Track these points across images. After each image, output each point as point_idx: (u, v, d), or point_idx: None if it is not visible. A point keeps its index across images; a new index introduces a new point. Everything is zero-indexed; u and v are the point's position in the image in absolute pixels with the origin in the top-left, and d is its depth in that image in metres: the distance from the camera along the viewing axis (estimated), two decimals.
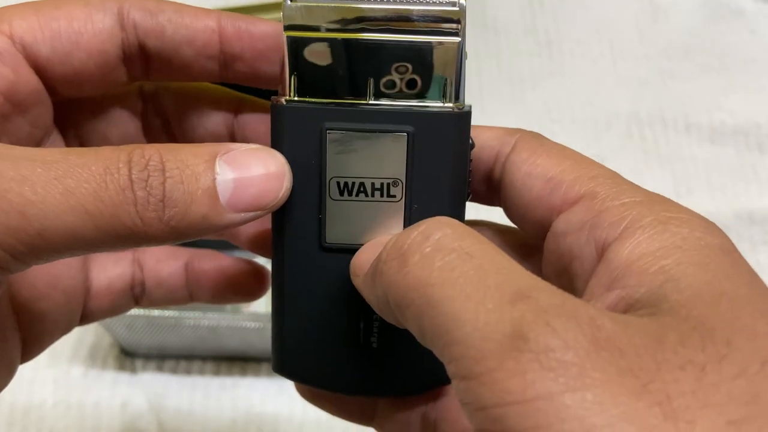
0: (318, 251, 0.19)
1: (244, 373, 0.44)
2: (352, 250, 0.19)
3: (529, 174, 0.20)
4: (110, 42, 0.21)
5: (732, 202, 0.51)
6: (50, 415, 0.42)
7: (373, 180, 0.18)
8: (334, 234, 0.19)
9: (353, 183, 0.18)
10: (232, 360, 0.44)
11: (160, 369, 0.44)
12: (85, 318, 0.26)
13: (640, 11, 0.64)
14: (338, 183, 0.18)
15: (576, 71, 0.59)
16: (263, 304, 0.44)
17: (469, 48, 0.61)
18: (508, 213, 0.21)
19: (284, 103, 0.19)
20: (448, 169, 0.19)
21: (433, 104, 0.18)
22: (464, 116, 0.19)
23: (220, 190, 0.18)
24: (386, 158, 0.18)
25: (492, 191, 0.22)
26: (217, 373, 0.44)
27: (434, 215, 0.16)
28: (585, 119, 0.56)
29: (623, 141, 0.55)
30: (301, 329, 0.20)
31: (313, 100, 0.18)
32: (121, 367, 0.44)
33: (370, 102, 0.18)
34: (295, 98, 0.19)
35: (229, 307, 0.44)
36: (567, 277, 0.19)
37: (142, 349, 0.44)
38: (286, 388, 0.43)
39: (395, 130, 0.18)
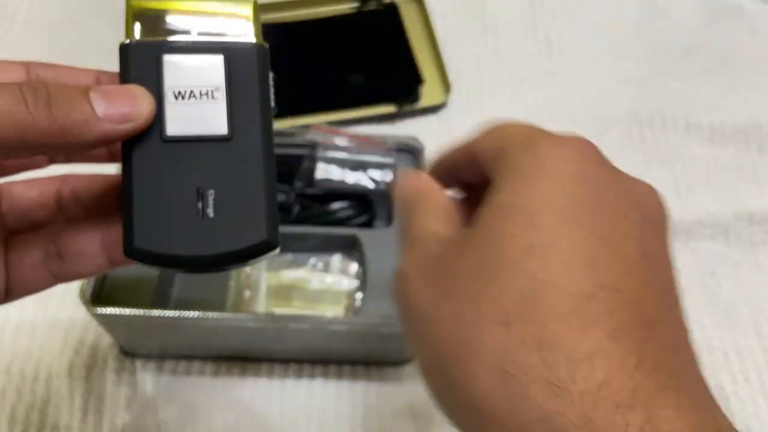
0: (160, 142, 0.24)
1: (244, 373, 0.44)
2: (186, 140, 0.24)
3: None
4: None
5: (732, 202, 0.51)
6: (53, 411, 0.42)
7: (200, 88, 0.25)
8: (173, 129, 0.24)
9: (186, 91, 0.25)
10: (233, 360, 0.44)
11: (160, 369, 0.44)
12: (5, 296, 0.27)
13: (640, 11, 0.64)
14: (173, 92, 0.25)
15: (576, 71, 0.59)
16: (262, 305, 0.44)
17: (469, 47, 0.61)
18: None
19: (130, 42, 0.25)
20: (255, 81, 0.25)
21: (241, 40, 0.26)
22: (261, 47, 0.25)
23: (95, 106, 0.23)
24: (210, 72, 0.25)
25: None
26: (217, 373, 0.44)
27: (247, 112, 0.24)
28: (585, 119, 0.56)
29: (623, 141, 0.55)
30: (147, 212, 0.24)
31: (151, 38, 0.25)
32: (121, 367, 0.44)
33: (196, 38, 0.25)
34: (138, 38, 0.25)
35: (229, 307, 0.44)
36: None
37: (142, 350, 0.44)
38: (288, 388, 0.43)
39: (217, 52, 0.25)
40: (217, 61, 0.25)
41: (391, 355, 0.43)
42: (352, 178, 0.45)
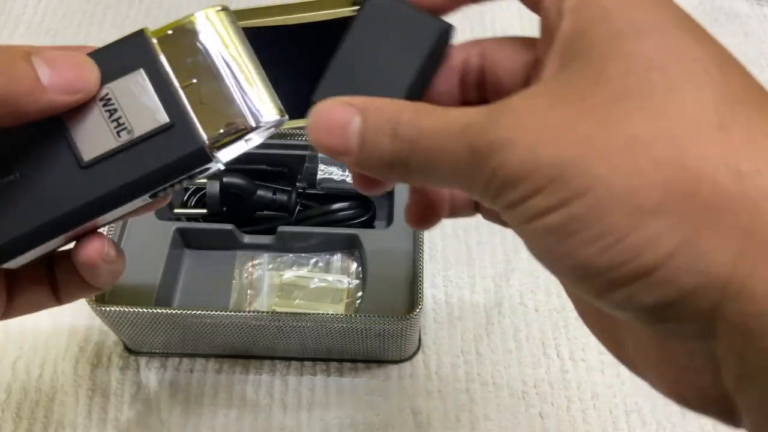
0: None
1: (246, 370, 0.44)
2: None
3: None
4: None
5: None
6: (58, 407, 0.43)
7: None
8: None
9: None
10: (235, 357, 0.45)
11: (163, 367, 0.44)
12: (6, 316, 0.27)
13: None
14: None
15: None
16: (265, 304, 0.45)
17: None
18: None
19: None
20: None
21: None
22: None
23: (40, 74, 0.21)
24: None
25: None
26: (219, 370, 0.44)
27: None
28: None
29: None
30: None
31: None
32: (125, 364, 0.44)
33: None
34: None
35: (232, 305, 0.45)
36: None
37: (145, 347, 0.44)
38: (291, 385, 0.44)
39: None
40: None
41: (391, 352, 0.44)
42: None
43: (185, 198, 0.48)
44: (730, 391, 0.17)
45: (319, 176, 0.46)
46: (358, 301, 0.44)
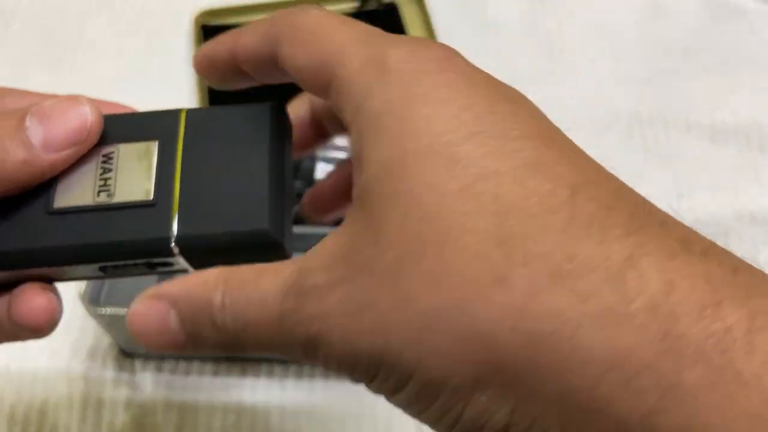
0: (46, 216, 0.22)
1: (244, 373, 0.44)
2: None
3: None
4: None
5: (733, 202, 0.51)
6: (52, 412, 0.42)
7: None
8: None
9: None
10: (232, 360, 0.44)
11: (159, 369, 0.44)
12: None
13: (641, 11, 0.64)
14: None
15: (576, 70, 0.59)
16: None
17: (470, 46, 0.61)
18: None
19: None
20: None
21: None
22: None
23: (32, 136, 0.20)
24: None
25: None
26: (216, 373, 0.44)
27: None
28: (585, 118, 0.56)
29: (624, 140, 0.54)
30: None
31: None
32: (120, 367, 0.44)
33: None
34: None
35: None
36: None
37: (141, 350, 0.44)
38: (288, 388, 0.43)
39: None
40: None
41: None
42: None
43: None
44: None
45: (317, 175, 0.45)
46: None
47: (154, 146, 0.22)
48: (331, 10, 0.24)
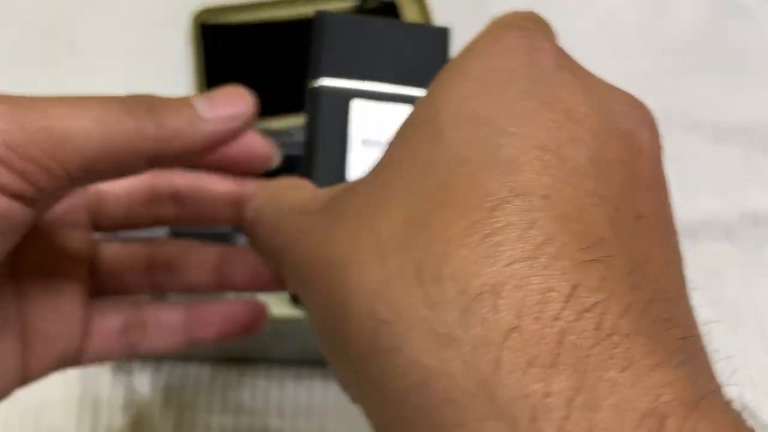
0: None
1: (242, 374, 0.43)
2: None
3: None
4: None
5: (736, 202, 0.51)
6: (48, 413, 0.42)
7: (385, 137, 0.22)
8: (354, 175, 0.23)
9: (372, 139, 0.24)
10: (231, 361, 0.44)
11: (157, 370, 0.44)
12: (79, 357, 0.28)
13: (643, 8, 0.63)
14: (360, 139, 0.24)
15: None
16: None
17: None
18: None
19: (320, 86, 0.25)
20: None
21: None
22: None
23: (198, 108, 0.23)
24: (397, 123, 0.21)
25: None
26: (215, 374, 0.43)
27: None
28: None
29: None
30: None
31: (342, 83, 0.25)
32: (117, 368, 0.44)
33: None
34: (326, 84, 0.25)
35: None
36: None
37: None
38: (286, 389, 0.43)
39: (406, 102, 0.24)
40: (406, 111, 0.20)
41: None
42: None
43: None
44: None
45: None
46: None
47: None
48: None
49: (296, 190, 0.21)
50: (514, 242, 0.13)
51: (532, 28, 0.20)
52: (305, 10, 0.62)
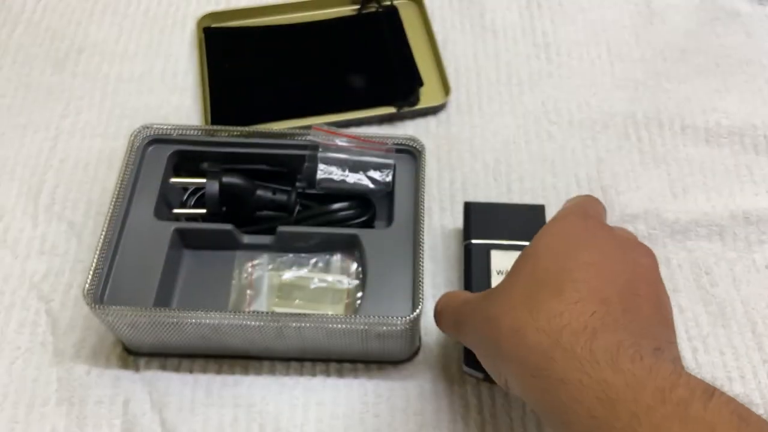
0: None
1: (245, 371, 0.44)
2: None
3: None
4: None
5: (727, 203, 0.52)
6: (53, 413, 0.42)
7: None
8: None
9: (503, 270, 0.44)
10: (234, 358, 0.45)
11: (162, 367, 0.44)
12: None
13: (636, 13, 0.64)
14: (496, 271, 0.44)
15: (573, 73, 0.60)
16: (264, 304, 0.45)
17: (468, 49, 0.62)
18: None
19: (470, 242, 0.45)
20: None
21: None
22: None
23: None
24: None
25: None
26: (219, 371, 0.44)
27: None
28: (582, 120, 0.56)
29: (620, 142, 0.55)
30: None
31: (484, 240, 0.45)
32: (124, 365, 0.44)
33: None
34: (473, 240, 0.45)
35: (231, 305, 0.45)
36: None
37: (144, 348, 0.44)
38: (288, 386, 0.44)
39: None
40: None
41: (391, 353, 0.44)
42: (353, 178, 0.46)
43: (184, 198, 0.48)
44: None
45: (318, 176, 0.46)
46: (358, 302, 0.44)
47: None
48: None
49: (463, 294, 0.39)
50: (569, 295, 0.31)
51: (587, 212, 0.37)
52: (310, 16, 0.63)
